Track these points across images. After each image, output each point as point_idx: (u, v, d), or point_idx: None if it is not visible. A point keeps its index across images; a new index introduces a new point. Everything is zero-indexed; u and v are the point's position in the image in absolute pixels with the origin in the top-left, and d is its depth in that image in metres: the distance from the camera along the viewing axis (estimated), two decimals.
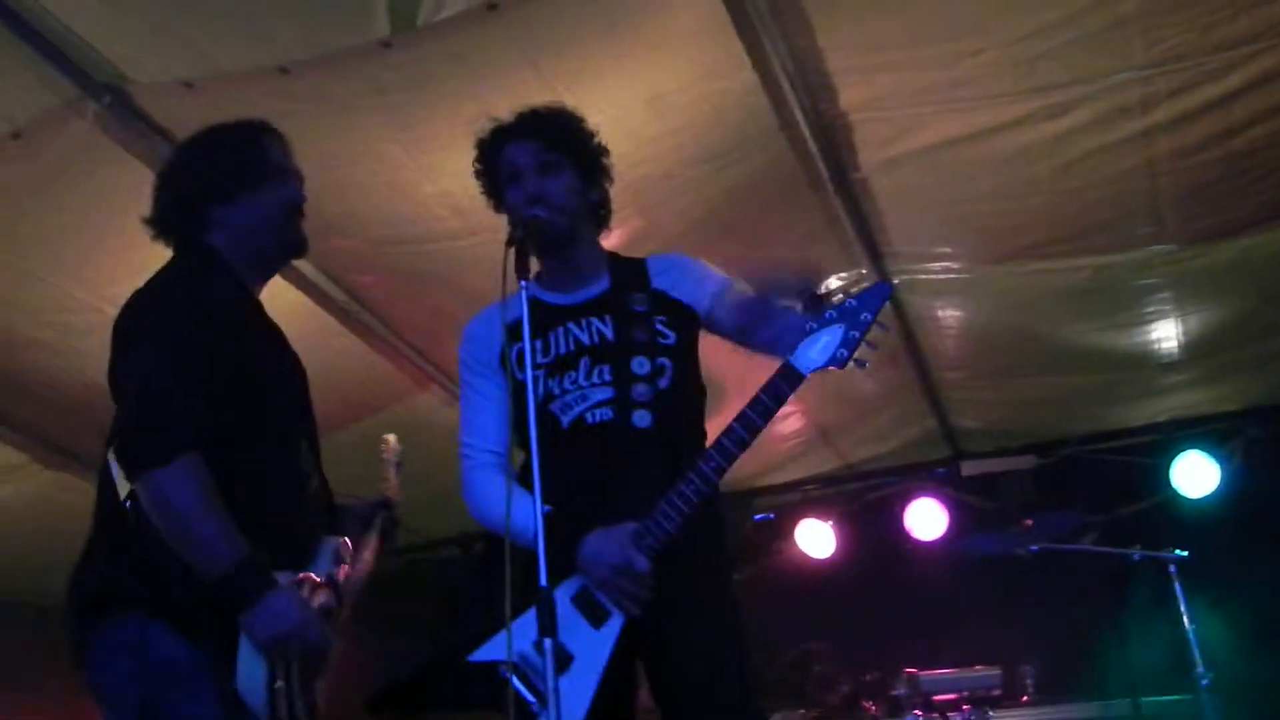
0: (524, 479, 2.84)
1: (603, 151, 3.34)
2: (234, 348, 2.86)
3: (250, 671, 2.68)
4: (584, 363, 3.18)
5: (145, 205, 3.21)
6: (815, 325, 3.04)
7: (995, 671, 6.26)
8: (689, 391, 3.25)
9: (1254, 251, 5.42)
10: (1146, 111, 4.48)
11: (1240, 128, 4.62)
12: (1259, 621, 6.55)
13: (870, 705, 6.33)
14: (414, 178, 4.44)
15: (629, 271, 3.32)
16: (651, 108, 4.25)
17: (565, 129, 3.30)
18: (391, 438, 3.55)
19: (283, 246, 3.16)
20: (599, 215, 3.37)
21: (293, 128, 3.82)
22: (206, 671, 2.67)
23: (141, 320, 2.88)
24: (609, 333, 3.20)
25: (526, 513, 2.80)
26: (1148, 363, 6.49)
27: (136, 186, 4.29)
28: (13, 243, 4.60)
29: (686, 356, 3.26)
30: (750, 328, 3.20)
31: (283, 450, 2.96)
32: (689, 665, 3.01)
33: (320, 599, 2.87)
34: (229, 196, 3.03)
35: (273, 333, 3.11)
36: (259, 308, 3.11)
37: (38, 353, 5.06)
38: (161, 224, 3.10)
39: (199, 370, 2.77)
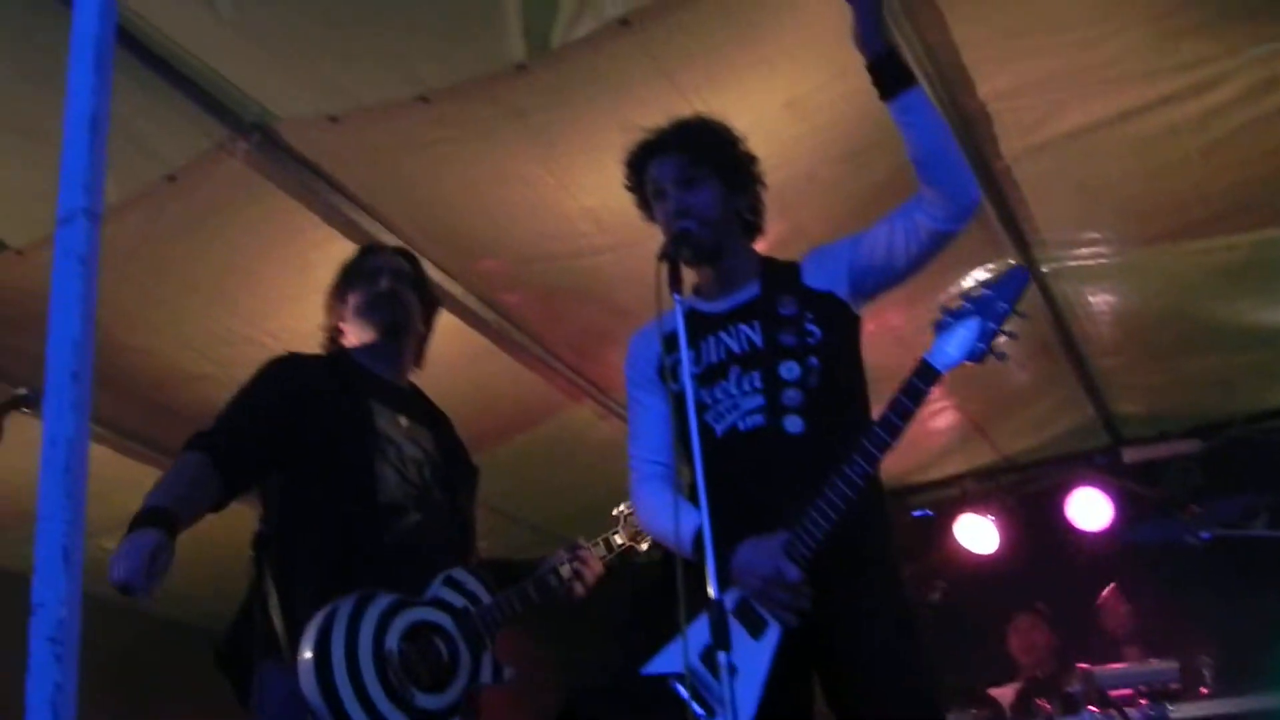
0: (689, 491, 2.88)
1: (749, 159, 3.35)
2: (295, 405, 3.47)
3: None
4: (734, 371, 3.18)
5: (294, 237, 3.58)
6: (951, 319, 3.00)
7: (1172, 665, 6.08)
8: (845, 388, 3.22)
9: None
10: None
11: None
12: None
13: (1044, 703, 6.22)
14: (556, 195, 4.50)
15: (781, 274, 3.31)
16: (790, 110, 4.25)
17: (706, 140, 3.31)
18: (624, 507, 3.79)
19: (375, 330, 3.72)
20: (748, 223, 3.38)
21: (437, 155, 3.92)
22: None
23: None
24: (757, 339, 3.19)
25: (686, 524, 2.84)
26: None
27: (286, 220, 4.48)
28: (175, 282, 4.78)
29: (840, 351, 3.22)
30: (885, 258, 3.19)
31: (336, 494, 3.38)
32: (866, 666, 2.98)
33: (415, 615, 3.26)
34: (342, 305, 3.79)
35: (379, 397, 3.64)
36: (371, 389, 3.64)
37: (202, 386, 5.22)
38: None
39: (252, 408, 3.48)
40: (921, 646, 3.07)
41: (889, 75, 3.02)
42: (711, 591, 2.57)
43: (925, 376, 2.96)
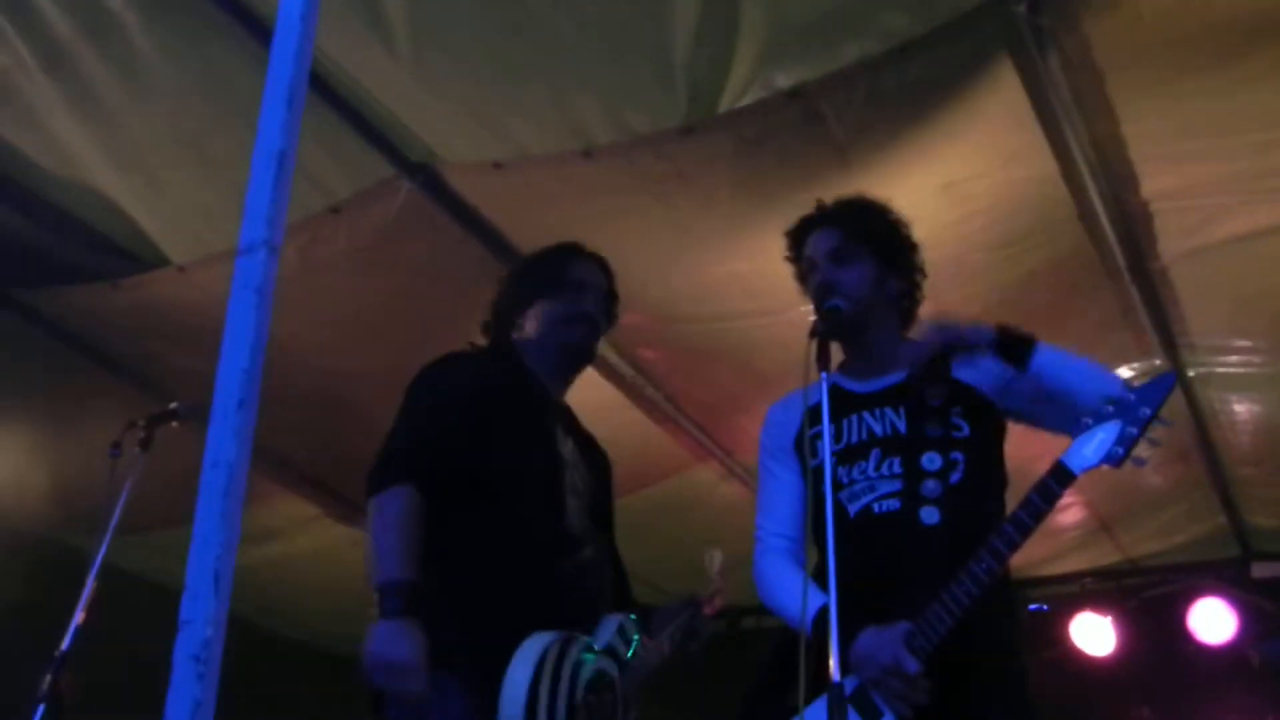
0: (814, 569, 2.87)
1: (908, 243, 3.34)
2: (485, 414, 3.17)
3: None
4: (875, 453, 3.14)
5: (454, 276, 3.49)
6: (1091, 421, 2.95)
7: None
8: (985, 486, 3.16)
9: None
10: None
11: None
12: None
13: None
14: (708, 257, 4.52)
15: (931, 362, 3.29)
16: (946, 194, 4.24)
17: (865, 218, 3.31)
18: (717, 554, 3.69)
19: (562, 349, 3.45)
20: (902, 306, 3.36)
21: (594, 208, 3.97)
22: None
23: (413, 383, 3.28)
24: (901, 425, 3.15)
25: (811, 604, 2.83)
26: None
27: (446, 259, 4.56)
28: (322, 312, 4.87)
29: (985, 449, 3.17)
30: (1037, 413, 3.14)
31: (528, 513, 3.14)
32: None
33: (597, 664, 3.02)
34: (528, 305, 3.47)
35: (554, 424, 3.38)
36: (548, 402, 3.40)
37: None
38: (486, 327, 3.56)
39: (442, 420, 3.14)
40: None
41: (1015, 349, 3.02)
42: (833, 674, 2.55)
43: (1060, 478, 2.90)
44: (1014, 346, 3.02)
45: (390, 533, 2.93)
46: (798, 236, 3.37)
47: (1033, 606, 7.68)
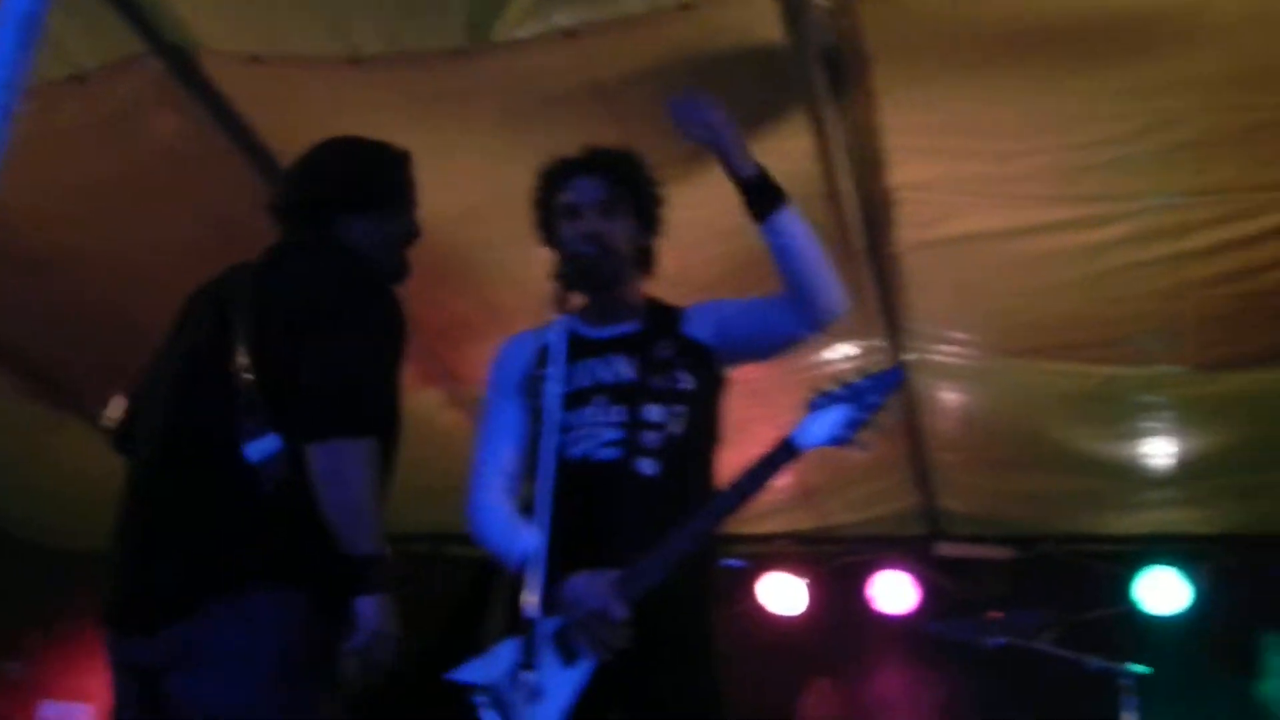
0: (527, 507, 2.89)
1: (661, 201, 3.38)
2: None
3: None
4: (600, 400, 3.18)
5: (198, 166, 3.28)
6: (823, 401, 3.06)
7: None
8: (703, 440, 3.26)
9: (1262, 386, 5.48)
10: (1183, 236, 4.55)
11: (1268, 266, 4.69)
12: None
13: None
14: (464, 184, 4.46)
15: (664, 317, 3.34)
16: (697, 153, 4.27)
17: (631, 173, 3.34)
18: None
19: (391, 269, 3.24)
20: (645, 262, 3.41)
21: (360, 119, 3.87)
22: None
23: (379, 309, 2.98)
24: (629, 374, 3.21)
25: (521, 542, 2.86)
26: (1136, 475, 6.55)
27: (191, 147, 4.37)
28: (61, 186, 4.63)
29: (707, 403, 3.27)
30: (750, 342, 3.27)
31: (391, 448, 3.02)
32: (664, 715, 3.01)
33: None
34: (362, 209, 3.20)
35: None
36: None
37: None
38: (286, 212, 3.23)
39: (392, 374, 2.96)
40: (722, 707, 3.10)
41: (762, 197, 3.06)
42: (531, 612, 2.61)
43: (785, 453, 3.02)
44: (766, 192, 3.07)
45: (375, 498, 2.79)
46: (557, 179, 3.36)
47: (728, 561, 7.90)
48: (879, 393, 3.04)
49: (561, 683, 2.92)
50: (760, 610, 7.78)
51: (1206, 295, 4.86)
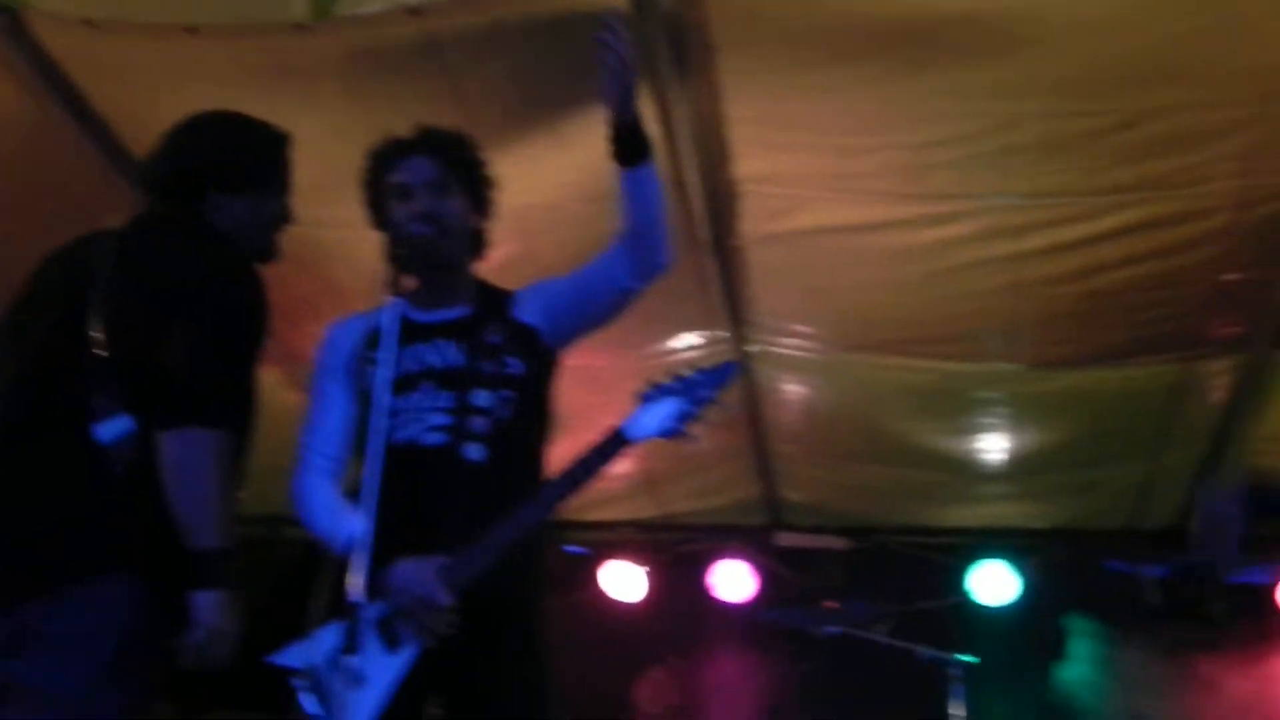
0: (355, 491, 2.84)
1: (492, 183, 3.34)
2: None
3: None
4: (427, 386, 3.14)
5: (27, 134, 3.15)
6: (655, 393, 3.06)
7: None
8: (532, 426, 3.24)
9: (1094, 385, 5.64)
10: (1021, 237, 4.65)
11: (1102, 269, 4.81)
12: None
13: None
14: (304, 159, 4.34)
15: (494, 301, 3.30)
16: (552, 139, 4.25)
17: (463, 154, 3.29)
18: None
19: (261, 252, 3.19)
20: (477, 244, 3.36)
21: (196, 91, 3.77)
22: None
23: (212, 289, 2.88)
24: (457, 359, 3.18)
25: (346, 526, 2.81)
26: (971, 470, 6.67)
27: (21, 114, 4.20)
28: None
29: (536, 388, 3.24)
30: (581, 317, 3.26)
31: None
32: (488, 704, 3.00)
33: None
34: (237, 188, 3.14)
35: None
36: None
37: None
38: (156, 182, 3.12)
39: (252, 364, 2.93)
40: (545, 697, 3.08)
41: (631, 145, 3.04)
42: (355, 597, 2.60)
43: (615, 443, 3.01)
44: (640, 141, 3.05)
45: (224, 491, 2.75)
46: (388, 159, 3.30)
47: (570, 548, 7.88)
48: (710, 387, 3.04)
49: (383, 669, 2.88)
50: (601, 597, 7.77)
51: (1044, 295, 4.97)
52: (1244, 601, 7.07)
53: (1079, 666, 7.12)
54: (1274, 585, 6.97)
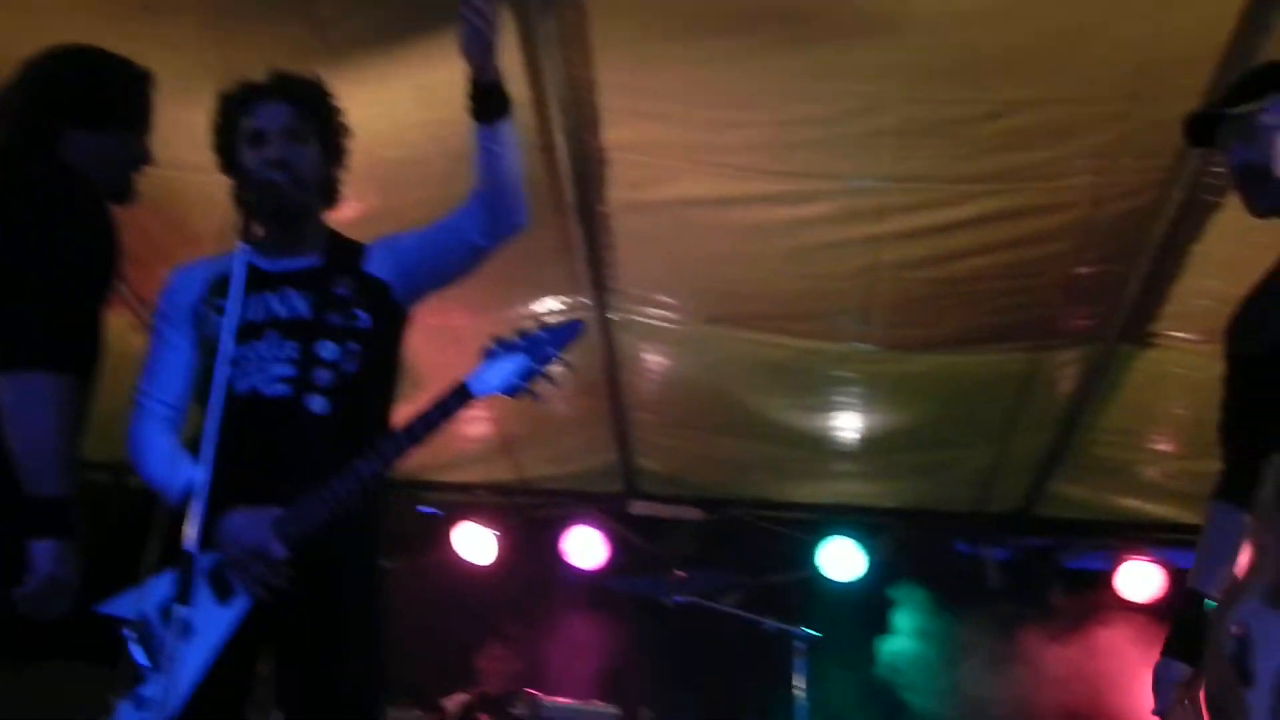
0: (191, 439, 2.79)
1: (346, 131, 3.29)
2: None
3: None
4: (272, 335, 3.06)
5: None
6: (499, 349, 3.04)
7: (614, 711, 6.40)
8: (379, 380, 3.19)
9: (946, 369, 5.76)
10: (880, 220, 4.72)
11: (959, 255, 4.91)
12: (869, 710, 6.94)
13: (485, 718, 6.35)
14: (166, 100, 4.22)
15: (345, 253, 3.24)
16: (418, 95, 4.20)
17: (318, 101, 3.23)
18: None
19: (117, 193, 3.04)
20: (330, 193, 3.31)
21: (46, 31, 3.63)
22: None
23: (62, 229, 2.75)
24: (304, 310, 3.11)
25: (181, 475, 2.76)
26: (824, 447, 6.78)
27: None
28: None
29: (384, 342, 3.19)
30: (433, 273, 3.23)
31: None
32: (315, 667, 2.96)
33: None
34: (96, 126, 2.99)
35: None
36: None
37: None
38: (9, 114, 2.97)
39: (100, 308, 2.78)
40: (379, 656, 3.06)
41: (490, 102, 3.02)
42: (189, 546, 2.54)
43: (459, 398, 2.98)
44: (499, 99, 3.00)
45: (65, 438, 2.62)
46: (241, 103, 3.22)
47: (423, 509, 7.84)
48: (555, 345, 3.03)
49: (214, 620, 2.83)
50: (453, 559, 7.74)
51: (900, 279, 5.06)
52: (1082, 586, 7.32)
53: (904, 640, 7.30)
54: (1113, 572, 7.19)
